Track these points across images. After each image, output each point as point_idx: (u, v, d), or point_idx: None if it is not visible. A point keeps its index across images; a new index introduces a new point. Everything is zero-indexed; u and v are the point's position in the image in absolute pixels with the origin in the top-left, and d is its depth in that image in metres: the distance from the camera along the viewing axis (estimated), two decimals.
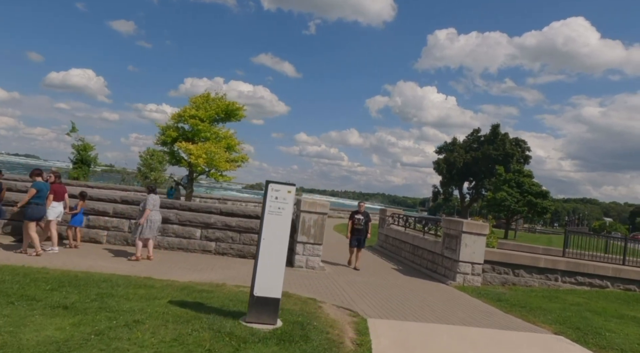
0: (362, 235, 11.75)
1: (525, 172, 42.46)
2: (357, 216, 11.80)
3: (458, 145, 66.30)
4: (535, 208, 40.31)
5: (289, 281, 8.84)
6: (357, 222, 11.67)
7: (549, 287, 11.99)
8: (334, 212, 45.50)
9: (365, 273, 11.45)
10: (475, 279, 11.21)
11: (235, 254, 10.99)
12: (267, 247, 5.32)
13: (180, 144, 21.38)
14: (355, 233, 11.69)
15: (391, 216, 17.74)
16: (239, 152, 25.34)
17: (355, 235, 11.70)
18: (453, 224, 11.65)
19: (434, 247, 12.74)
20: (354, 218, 11.80)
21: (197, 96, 23.86)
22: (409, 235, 14.94)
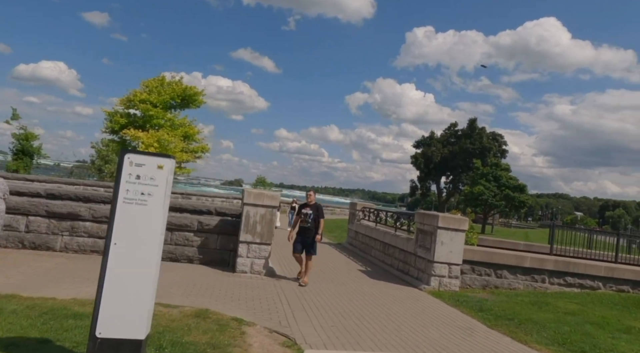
0: (309, 237, 8.53)
1: (503, 165, 41.72)
2: (304, 210, 8.66)
3: (435, 139, 65.52)
4: (512, 202, 39.58)
5: (222, 291, 6.94)
6: (304, 219, 8.60)
7: (536, 290, 10.50)
8: None
9: (325, 277, 9.67)
10: (452, 283, 9.58)
11: (165, 257, 8.93)
12: (120, 259, 3.41)
13: (128, 131, 19.12)
14: (301, 234, 8.63)
15: (361, 210, 16.04)
16: (199, 142, 23.24)
17: (301, 236, 8.63)
18: (427, 219, 10.00)
19: (406, 245, 11.08)
20: (301, 213, 8.75)
21: (150, 79, 21.58)
22: (379, 231, 13.25)
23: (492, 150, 58.58)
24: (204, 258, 9.15)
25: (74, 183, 24.85)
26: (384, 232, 12.87)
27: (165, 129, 20.25)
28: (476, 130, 61.89)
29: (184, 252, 9.07)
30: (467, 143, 59.85)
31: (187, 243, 9.10)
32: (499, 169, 41.02)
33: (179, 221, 9.08)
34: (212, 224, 9.22)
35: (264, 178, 43.48)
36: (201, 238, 9.19)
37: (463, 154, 60.49)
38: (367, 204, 16.52)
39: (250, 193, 8.72)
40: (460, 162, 60.91)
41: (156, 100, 20.05)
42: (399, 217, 12.79)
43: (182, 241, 9.10)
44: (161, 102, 20.23)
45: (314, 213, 8.59)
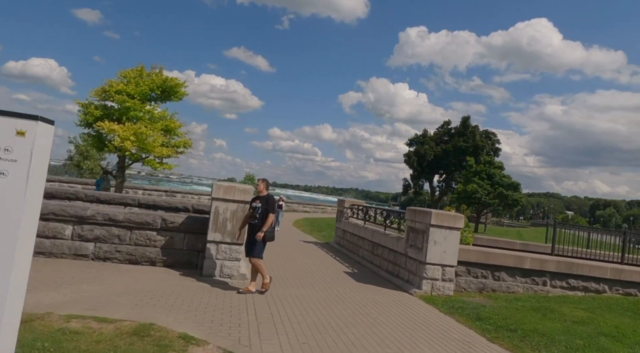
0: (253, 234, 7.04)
1: (496, 163, 41.07)
2: (254, 204, 7.18)
3: (429, 137, 64.76)
4: (506, 200, 38.93)
5: (180, 299, 5.94)
6: (252, 214, 7.14)
7: (536, 293, 9.63)
8: (298, 206, 42.76)
9: (306, 280, 8.70)
10: (446, 286, 8.66)
11: (123, 259, 7.97)
12: None
13: (102, 123, 17.93)
14: (250, 232, 7.12)
15: (350, 208, 15.09)
16: (181, 137, 22.08)
17: (250, 234, 7.12)
18: (419, 216, 9.06)
19: (395, 245, 10.15)
20: (251, 206, 7.32)
21: (128, 70, 20.38)
22: (368, 230, 12.31)
23: (486, 148, 57.96)
24: (168, 260, 8.13)
25: (49, 180, 23.65)
26: (372, 230, 11.94)
27: (143, 121, 19.07)
28: (469, 128, 61.20)
29: (145, 253, 8.04)
30: (460, 141, 59.15)
31: (149, 243, 8.07)
32: (493, 166, 40.36)
33: (139, 218, 8.04)
34: (177, 222, 8.20)
35: (253, 175, 42.42)
36: (165, 237, 8.17)
37: (456, 152, 59.79)
38: (356, 201, 15.57)
39: (219, 187, 7.71)
40: (454, 161, 60.22)
41: (134, 91, 18.85)
42: (389, 215, 11.86)
43: (143, 241, 8.06)
44: (139, 93, 19.04)
45: (263, 207, 7.03)
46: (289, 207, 41.10)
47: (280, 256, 11.52)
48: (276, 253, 12.03)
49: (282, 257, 11.46)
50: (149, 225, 8.07)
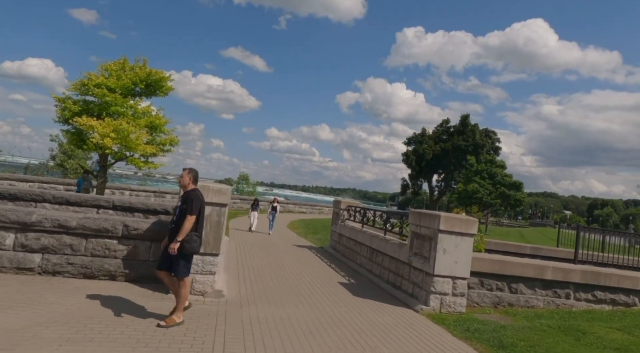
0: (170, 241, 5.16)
1: (498, 162, 39.97)
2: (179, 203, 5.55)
3: (427, 136, 63.67)
4: (508, 200, 37.81)
5: (130, 329, 4.69)
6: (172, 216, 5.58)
7: (559, 308, 8.43)
8: (294, 207, 41.51)
9: (295, 294, 7.47)
10: (457, 302, 7.45)
11: (76, 273, 6.72)
12: None
13: (79, 119, 16.64)
14: (169, 240, 5.25)
15: (346, 210, 13.87)
16: (168, 134, 20.80)
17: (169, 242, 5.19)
18: (425, 220, 7.85)
19: (397, 253, 8.93)
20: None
21: (110, 62, 19.10)
22: (366, 234, 11.09)
23: (486, 147, 56.93)
24: (130, 274, 6.89)
25: (28, 181, 22.35)
26: (371, 235, 10.72)
27: (126, 117, 17.79)
28: (469, 126, 60.16)
29: (103, 266, 6.79)
30: (459, 140, 58.10)
31: (108, 253, 6.82)
32: (494, 165, 39.25)
33: (96, 224, 6.79)
34: (142, 228, 6.95)
35: (247, 175, 41.14)
36: (128, 246, 6.92)
37: (455, 151, 58.72)
38: (353, 202, 14.36)
39: None
40: (453, 160, 59.15)
41: (115, 85, 17.57)
42: (389, 218, 10.63)
43: (100, 251, 6.81)
44: (121, 87, 17.76)
45: (181, 207, 5.22)
46: (284, 208, 39.87)
47: (268, 263, 10.30)
48: (264, 260, 10.81)
49: (270, 264, 10.24)
50: (107, 233, 6.82)
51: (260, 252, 12.28)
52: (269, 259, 11.06)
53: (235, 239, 14.52)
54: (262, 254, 11.83)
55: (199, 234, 5.24)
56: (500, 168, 39.42)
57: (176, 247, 5.01)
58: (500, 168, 39.34)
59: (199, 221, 5.23)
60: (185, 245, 5.06)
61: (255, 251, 12.28)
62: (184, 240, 5.05)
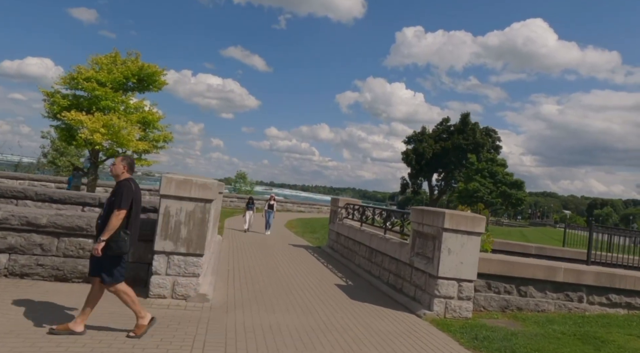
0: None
1: (499, 161, 39.42)
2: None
3: (427, 135, 63.09)
4: (509, 199, 37.27)
5: (96, 340, 4.11)
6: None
7: (570, 312, 7.88)
8: (293, 205, 40.95)
9: (288, 298, 6.91)
10: (463, 307, 6.88)
11: (47, 275, 6.15)
12: None
13: (67, 113, 16.04)
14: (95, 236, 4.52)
15: (345, 208, 13.30)
16: (161, 130, 20.22)
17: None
18: (428, 217, 7.28)
19: (398, 253, 8.36)
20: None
21: (102, 56, 18.50)
22: (365, 233, 10.52)
23: (486, 146, 56.37)
24: None
25: (18, 178, 21.76)
26: (370, 234, 10.15)
27: (117, 112, 17.20)
28: (469, 125, 59.58)
29: (77, 267, 6.21)
30: (460, 139, 57.52)
31: (83, 254, 6.25)
32: (495, 164, 38.69)
33: (69, 222, 6.21)
34: None
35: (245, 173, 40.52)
36: None
37: (456, 150, 58.15)
38: (352, 200, 13.80)
39: (170, 181, 5.89)
40: (453, 159, 58.58)
41: (105, 78, 16.96)
42: (389, 216, 10.07)
43: (74, 251, 6.23)
44: (112, 81, 17.16)
45: (109, 199, 4.47)
46: (283, 207, 39.29)
47: (261, 264, 9.73)
48: (257, 260, 10.24)
49: (263, 265, 9.67)
50: (82, 231, 6.25)
51: (254, 252, 11.71)
52: (263, 260, 10.49)
53: (229, 239, 13.95)
54: (255, 254, 11.26)
55: (129, 232, 4.36)
56: (502, 167, 38.87)
57: (100, 247, 4.17)
58: (501, 167, 38.80)
59: (130, 216, 4.40)
60: (111, 245, 4.21)
61: (248, 251, 11.72)
62: (110, 239, 4.20)
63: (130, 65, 18.06)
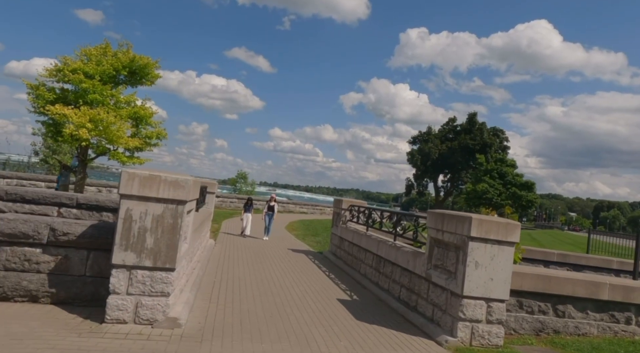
0: None
1: (509, 161, 38.05)
2: None
3: (433, 135, 61.87)
4: (519, 201, 35.90)
5: None
6: None
7: (616, 336, 6.65)
8: (295, 206, 39.81)
9: (280, 319, 5.74)
10: (494, 332, 5.68)
11: None
12: None
13: (51, 107, 14.97)
14: None
15: (349, 210, 12.12)
16: (155, 127, 19.12)
17: None
18: (450, 223, 6.08)
19: (412, 264, 7.16)
20: None
21: (91, 47, 17.44)
22: (372, 239, 9.33)
23: (494, 146, 55.02)
24: (59, 294, 5.17)
25: (5, 176, 20.73)
26: (378, 240, 8.96)
27: (106, 107, 16.11)
28: (476, 125, 58.30)
29: (21, 284, 5.07)
30: (467, 139, 56.24)
31: (29, 267, 5.11)
32: (505, 165, 37.35)
33: (11, 227, 5.07)
34: (76, 232, 5.23)
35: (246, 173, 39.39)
36: (56, 257, 5.20)
37: (462, 151, 56.87)
38: (356, 201, 12.60)
39: (131, 177, 4.72)
40: (460, 159, 57.30)
41: (94, 70, 15.89)
42: (400, 220, 8.86)
43: (18, 263, 5.09)
44: (101, 73, 16.10)
45: None
46: (285, 208, 38.15)
47: (254, 275, 8.56)
48: (250, 269, 9.08)
49: (256, 276, 8.50)
50: (28, 239, 5.11)
51: (248, 258, 10.56)
52: (257, 269, 9.33)
53: (222, 243, 12.81)
54: (249, 262, 10.10)
55: None
56: (511, 167, 37.53)
57: None
58: (510, 167, 37.46)
59: None
60: None
61: (242, 258, 10.56)
62: None
63: (121, 57, 16.98)
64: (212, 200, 11.56)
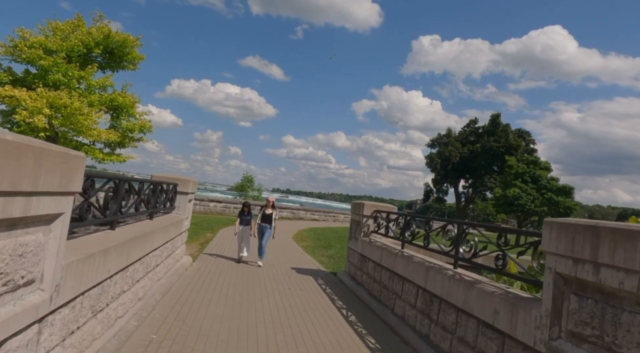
0: None
1: (542, 163, 34.21)
2: None
3: (453, 137, 58.02)
4: (557, 208, 32.01)
5: None
6: None
7: None
8: (306, 213, 36.57)
9: None
10: None
11: None
12: None
13: (2, 89, 12.17)
14: None
15: (373, 217, 8.83)
16: (138, 118, 16.24)
17: None
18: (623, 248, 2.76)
19: (505, 319, 3.84)
20: None
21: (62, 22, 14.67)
22: (413, 262, 6.03)
23: (520, 149, 51.02)
24: None
25: None
26: (426, 266, 5.65)
27: (73, 90, 13.25)
28: (500, 126, 54.35)
29: None
30: (490, 141, 52.32)
31: None
32: (538, 167, 33.56)
33: None
34: None
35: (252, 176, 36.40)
36: None
37: (485, 154, 52.94)
38: (383, 205, 9.28)
39: None
40: (483, 163, 53.35)
41: (57, 46, 13.11)
42: (464, 232, 5.46)
43: None
44: (67, 50, 13.29)
45: None
46: (294, 215, 34.94)
47: (235, 318, 5.36)
48: (232, 307, 5.87)
49: (238, 320, 5.30)
50: None
51: (230, 286, 7.39)
52: (238, 308, 6.13)
53: (204, 261, 9.67)
54: (230, 293, 6.92)
55: None
56: (545, 170, 33.70)
57: None
58: (544, 170, 33.63)
59: None
60: None
61: (222, 285, 7.38)
62: None
63: (94, 32, 14.14)
64: (186, 204, 8.45)
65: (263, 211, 10.18)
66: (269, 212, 10.11)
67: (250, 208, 10.49)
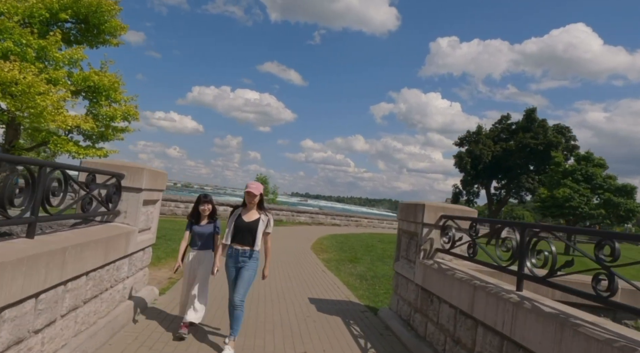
0: None
1: (596, 160, 29.91)
2: None
3: (484, 135, 53.77)
4: (616, 210, 27.71)
5: None
6: None
7: None
8: (325, 218, 33.32)
9: None
10: None
11: None
12: None
13: None
14: None
15: (442, 227, 5.46)
16: (121, 103, 13.35)
17: None
18: None
19: None
20: None
21: None
22: (541, 311, 2.67)
23: (560, 146, 46.47)
24: None
25: None
26: (560, 320, 2.27)
27: (31, 64, 10.40)
28: (536, 122, 49.90)
29: None
30: (526, 137, 47.95)
31: None
32: (592, 164, 29.33)
33: None
34: None
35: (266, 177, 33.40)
36: None
37: (521, 152, 48.60)
38: (452, 207, 5.82)
39: None
40: (518, 162, 49.01)
41: (9, 7, 10.29)
42: None
43: None
44: (23, 13, 10.48)
45: None
46: (313, 219, 31.74)
47: None
48: None
49: None
50: None
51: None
52: None
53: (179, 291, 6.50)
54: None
55: None
56: (599, 167, 29.41)
57: None
58: (599, 167, 29.35)
59: None
60: None
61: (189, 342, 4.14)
62: None
63: None
64: (138, 208, 5.27)
65: (237, 216, 4.71)
66: (252, 218, 4.69)
67: (215, 207, 5.26)
